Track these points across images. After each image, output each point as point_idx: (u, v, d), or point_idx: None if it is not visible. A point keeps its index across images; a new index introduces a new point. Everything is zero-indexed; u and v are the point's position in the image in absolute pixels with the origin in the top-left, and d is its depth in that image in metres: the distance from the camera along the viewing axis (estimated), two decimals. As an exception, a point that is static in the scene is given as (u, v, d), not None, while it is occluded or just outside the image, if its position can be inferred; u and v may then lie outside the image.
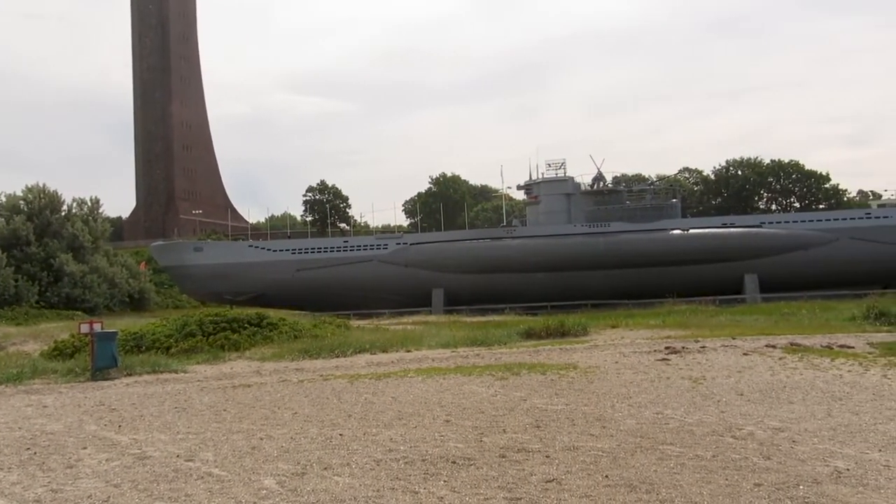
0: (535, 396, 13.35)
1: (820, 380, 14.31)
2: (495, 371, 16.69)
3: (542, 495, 7.45)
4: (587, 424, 10.80)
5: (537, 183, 54.20)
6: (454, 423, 11.17)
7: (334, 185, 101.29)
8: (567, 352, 20.35)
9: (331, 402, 13.65)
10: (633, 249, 48.16)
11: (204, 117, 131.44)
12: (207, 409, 13.42)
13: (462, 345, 23.46)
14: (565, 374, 15.99)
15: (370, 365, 19.63)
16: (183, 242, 61.99)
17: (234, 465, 9.07)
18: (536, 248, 49.63)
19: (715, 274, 46.79)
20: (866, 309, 27.52)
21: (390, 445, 9.85)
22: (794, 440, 9.55)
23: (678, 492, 7.42)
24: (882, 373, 14.92)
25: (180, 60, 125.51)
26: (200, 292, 57.21)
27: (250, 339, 24.88)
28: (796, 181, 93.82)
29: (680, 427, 10.49)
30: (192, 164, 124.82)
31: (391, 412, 12.30)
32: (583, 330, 26.50)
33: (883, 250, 46.19)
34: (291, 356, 21.86)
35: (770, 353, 18.23)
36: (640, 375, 15.53)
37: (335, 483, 8.09)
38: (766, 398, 12.60)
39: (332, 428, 11.19)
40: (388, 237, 55.76)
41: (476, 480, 8.05)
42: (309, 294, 51.49)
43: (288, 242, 57.44)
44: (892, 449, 9.02)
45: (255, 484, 8.17)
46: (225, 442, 10.44)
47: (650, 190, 56.59)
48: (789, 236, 48.05)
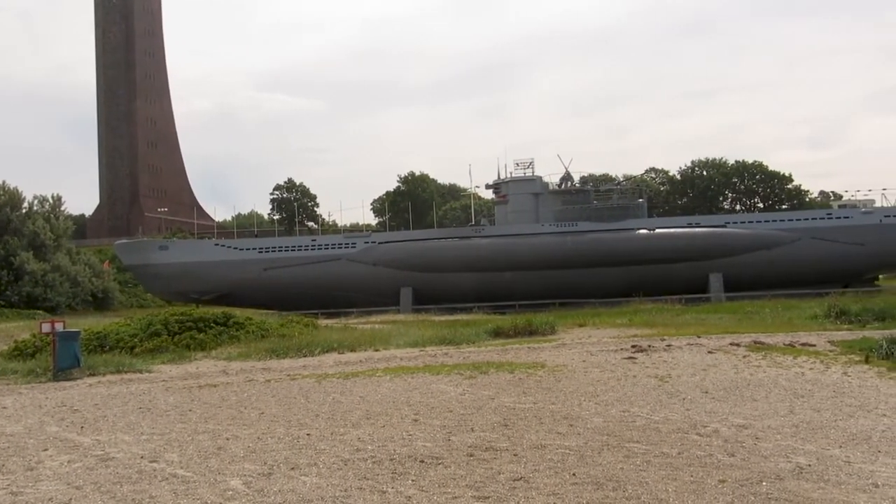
0: (503, 395, 13.40)
1: (783, 377, 14.54)
2: (463, 370, 16.71)
3: (510, 494, 7.47)
4: (555, 423, 10.86)
5: (506, 182, 54.38)
6: (422, 423, 11.16)
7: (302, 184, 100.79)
8: (535, 350, 20.44)
9: (298, 401, 13.56)
10: (599, 249, 48.52)
11: (169, 114, 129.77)
12: (172, 409, 13.25)
13: (430, 344, 23.45)
14: (533, 372, 16.06)
15: (338, 364, 19.54)
16: (148, 241, 61.14)
17: (200, 465, 8.97)
18: (504, 247, 49.79)
19: (680, 273, 47.33)
20: (827, 308, 28.02)
21: (358, 445, 9.81)
22: (758, 437, 9.69)
23: (644, 489, 7.49)
24: (842, 370, 15.21)
25: (145, 56, 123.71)
26: (166, 291, 56.50)
27: (216, 339, 24.63)
28: (760, 182, 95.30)
29: (646, 425, 10.59)
30: (157, 162, 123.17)
31: (359, 412, 12.26)
32: (550, 329, 26.64)
33: (843, 250, 47.10)
34: (258, 356, 21.68)
35: (734, 352, 18.48)
36: (607, 374, 15.65)
37: (302, 483, 8.04)
38: (730, 396, 12.77)
39: (300, 428, 11.11)
40: (357, 236, 55.50)
41: (444, 479, 8.05)
42: (276, 293, 51.11)
43: (255, 241, 56.95)
44: (852, 445, 9.19)
45: (221, 485, 8.08)
46: (190, 442, 10.32)
47: (617, 190, 57.06)
48: (753, 236, 48.77)
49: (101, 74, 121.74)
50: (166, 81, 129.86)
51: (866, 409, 11.30)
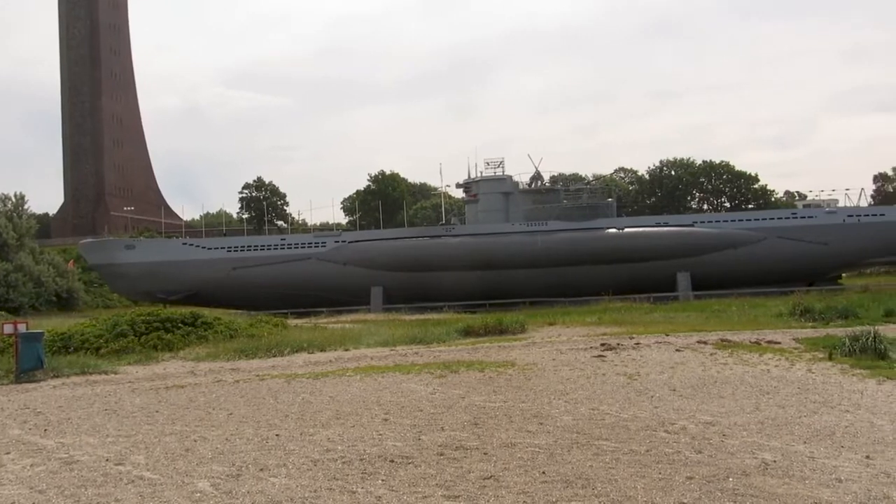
0: (474, 394, 13.42)
1: (749, 375, 14.73)
2: (434, 369, 16.71)
3: (480, 492, 7.48)
4: (524, 421, 10.90)
5: (476, 181, 54.49)
6: (392, 422, 11.14)
7: (271, 182, 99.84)
8: (505, 349, 20.50)
9: (267, 402, 13.46)
10: (569, 248, 48.79)
11: (135, 111, 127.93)
12: (139, 410, 13.08)
13: (401, 343, 23.42)
14: (503, 371, 16.11)
15: (308, 364, 19.44)
16: (114, 240, 60.27)
17: (167, 467, 8.86)
18: (475, 246, 49.86)
19: (649, 272, 47.77)
20: (792, 306, 28.47)
21: (328, 445, 9.76)
22: (725, 434, 9.81)
23: (613, 486, 7.55)
24: (807, 367, 15.45)
25: (110, 52, 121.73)
26: (132, 291, 55.76)
27: (184, 339, 24.35)
28: (727, 181, 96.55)
29: (615, 422, 10.67)
30: (123, 160, 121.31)
31: (329, 411, 12.20)
32: (521, 327, 26.75)
33: (808, 249, 47.87)
34: (227, 356, 21.48)
35: (701, 350, 18.70)
36: (577, 372, 15.75)
37: (271, 484, 7.97)
38: (697, 393, 12.91)
39: (269, 428, 11.03)
40: (327, 235, 55.22)
41: (414, 479, 8.04)
42: (245, 293, 50.70)
43: (223, 240, 56.42)
44: (816, 441, 9.35)
45: (189, 487, 7.99)
46: (157, 444, 10.19)
47: (586, 189, 57.47)
48: (720, 235, 49.37)
49: (65, 70, 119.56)
50: (132, 78, 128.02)
51: (830, 406, 11.49)
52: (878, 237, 48.30)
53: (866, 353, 16.37)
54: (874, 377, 13.97)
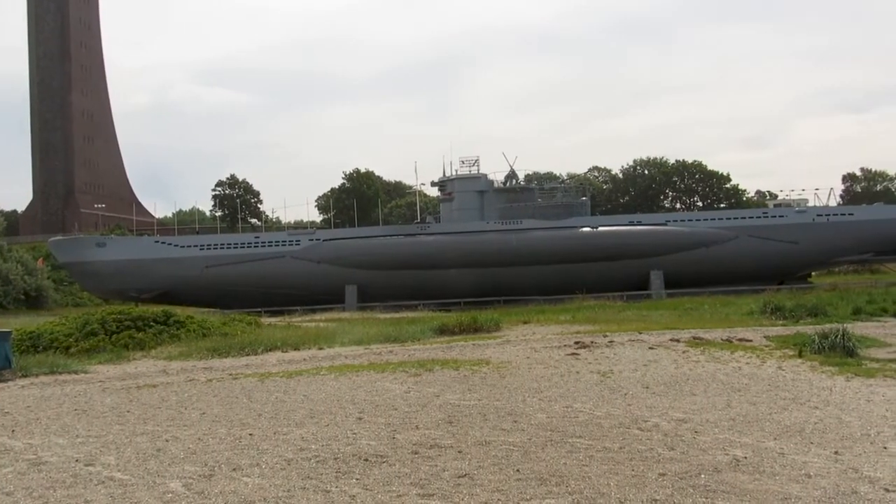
0: (448, 392, 13.42)
1: (721, 372, 14.89)
2: (408, 367, 16.69)
3: (455, 490, 7.49)
4: (499, 419, 10.93)
5: (451, 180, 54.47)
6: (367, 421, 11.11)
7: (245, 180, 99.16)
8: (480, 348, 20.53)
9: (240, 401, 13.37)
10: (543, 246, 48.97)
11: (106, 107, 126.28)
12: (110, 410, 12.92)
13: (375, 341, 23.37)
14: (478, 369, 16.14)
15: (281, 363, 19.33)
16: (84, 238, 59.41)
17: (138, 468, 8.77)
18: (450, 244, 49.87)
19: (622, 270, 48.08)
20: (763, 304, 28.78)
21: (301, 444, 9.72)
22: (697, 430, 9.91)
23: (587, 483, 7.59)
24: (777, 365, 15.65)
25: (80, 47, 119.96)
26: (103, 290, 55.04)
27: (156, 338, 24.11)
28: (699, 181, 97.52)
29: (589, 420, 10.74)
30: (93, 157, 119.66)
31: (303, 410, 12.14)
32: (495, 326, 26.79)
33: (778, 248, 48.47)
34: (199, 355, 21.29)
35: (674, 347, 18.86)
36: (551, 370, 15.82)
37: (244, 484, 7.92)
38: (670, 390, 13.03)
39: (242, 428, 10.95)
40: (301, 233, 54.88)
41: (388, 477, 8.03)
42: (218, 291, 50.25)
43: (196, 238, 55.87)
44: (786, 437, 9.47)
45: (160, 487, 7.92)
46: (128, 444, 10.08)
47: (561, 188, 57.73)
48: (692, 234, 49.82)
49: (34, 66, 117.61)
50: (103, 73, 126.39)
51: (799, 402, 11.65)
52: (846, 236, 49.05)
53: (835, 350, 16.63)
54: (843, 374, 14.20)
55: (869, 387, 12.91)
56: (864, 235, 49.13)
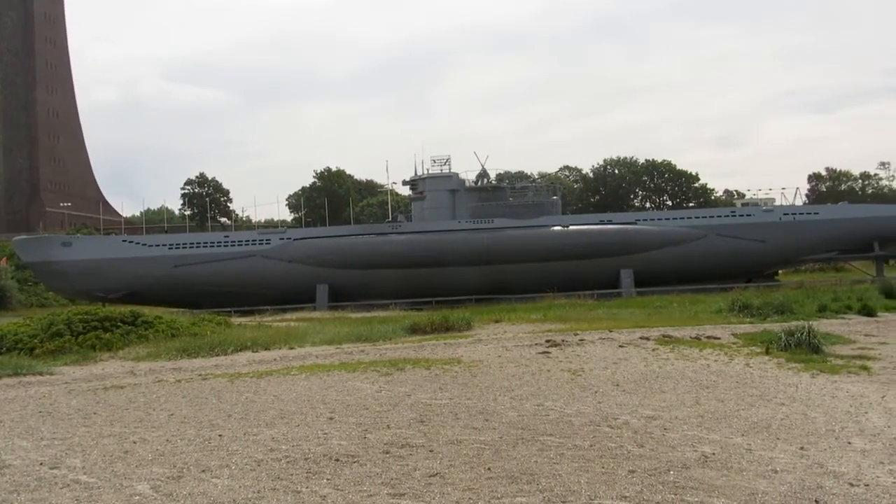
0: (420, 391, 13.41)
1: (689, 370, 15.04)
2: (380, 367, 16.65)
3: (426, 490, 7.48)
4: (470, 418, 10.94)
5: (422, 179, 54.42)
6: (338, 421, 11.06)
7: (214, 179, 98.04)
8: (451, 346, 20.54)
9: (210, 402, 13.23)
10: (515, 245, 49.12)
11: (72, 104, 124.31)
12: (75, 412, 12.73)
13: (346, 341, 23.27)
14: (449, 368, 16.14)
15: (251, 363, 19.17)
16: (49, 237, 58.44)
17: (105, 470, 8.64)
18: (421, 243, 49.81)
19: (593, 269, 48.35)
20: (731, 302, 29.12)
21: (272, 445, 9.64)
22: (666, 427, 10.00)
23: (557, 481, 7.62)
24: (745, 362, 15.85)
25: (45, 43, 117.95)
26: (69, 290, 54.17)
27: (124, 339, 23.78)
28: (668, 180, 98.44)
29: (559, 418, 10.78)
30: (59, 154, 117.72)
31: (273, 411, 12.05)
32: (466, 325, 26.80)
33: (746, 246, 49.09)
34: (168, 355, 21.05)
35: (644, 345, 19.02)
36: (522, 368, 15.86)
37: (213, 485, 7.84)
38: (640, 388, 13.13)
39: (211, 429, 10.85)
40: (271, 232, 54.46)
41: (359, 477, 8.00)
42: (187, 291, 49.69)
43: (165, 237, 55.22)
44: (753, 433, 9.60)
45: (128, 490, 7.81)
46: (94, 447, 9.93)
47: (532, 187, 57.89)
48: (662, 233, 50.27)
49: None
50: (69, 70, 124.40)
51: (766, 399, 11.81)
52: (812, 235, 49.82)
53: (801, 347, 16.88)
54: (808, 371, 14.42)
55: (834, 383, 13.13)
56: (829, 234, 49.95)
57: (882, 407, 11.09)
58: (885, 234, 50.20)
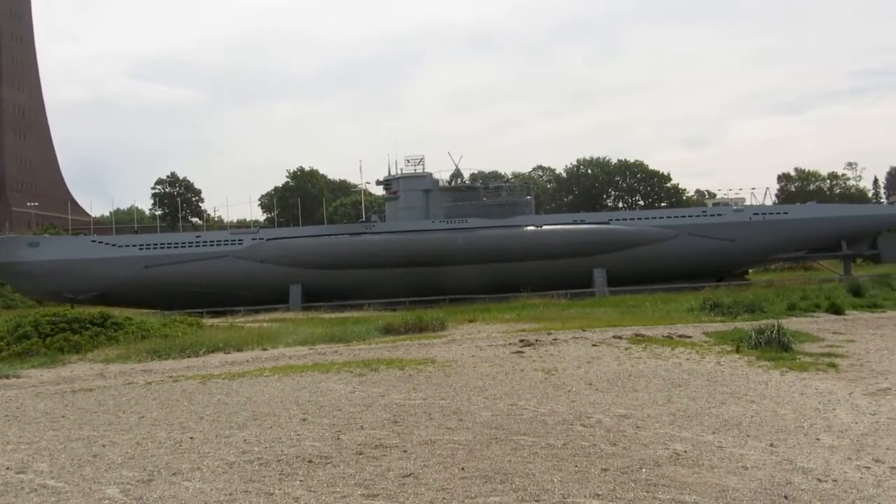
0: (394, 392, 13.38)
1: (661, 368, 15.16)
2: (353, 367, 16.58)
3: (400, 490, 7.46)
4: (444, 418, 10.93)
5: (396, 179, 54.34)
6: (311, 422, 11.00)
7: (186, 178, 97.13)
8: (425, 347, 20.52)
9: (181, 404, 13.09)
10: (489, 245, 49.22)
11: (39, 102, 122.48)
12: (43, 416, 12.52)
13: (320, 341, 23.15)
14: (423, 368, 16.12)
15: (224, 364, 19.00)
16: (16, 237, 57.51)
17: (73, 474, 8.51)
18: (395, 243, 49.75)
19: (566, 268, 48.59)
20: (702, 301, 29.39)
21: (244, 447, 9.56)
22: (638, 426, 10.07)
23: (531, 480, 7.64)
24: (716, 360, 16.00)
25: (11, 40, 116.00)
26: (37, 291, 53.33)
27: (93, 341, 23.44)
28: (641, 180, 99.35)
29: (533, 417, 10.81)
30: (26, 153, 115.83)
31: (245, 413, 11.95)
32: (441, 325, 26.79)
33: (717, 245, 49.62)
34: (138, 357, 20.79)
35: (617, 344, 19.14)
36: (496, 368, 15.89)
37: (184, 489, 7.76)
38: (612, 387, 13.21)
39: (182, 431, 10.73)
40: (244, 232, 54.04)
41: (333, 479, 7.96)
42: (158, 292, 49.16)
43: (135, 237, 54.61)
44: (724, 431, 9.70)
45: (97, 494, 7.70)
46: (62, 451, 9.78)
47: (506, 187, 58.01)
48: (634, 232, 50.65)
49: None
50: (35, 67, 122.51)
51: (737, 397, 11.94)
52: (782, 234, 50.51)
53: (771, 345, 17.07)
54: (778, 368, 14.60)
55: (803, 380, 13.31)
56: (798, 234, 50.68)
57: (849, 404, 11.26)
58: (852, 233, 51.06)
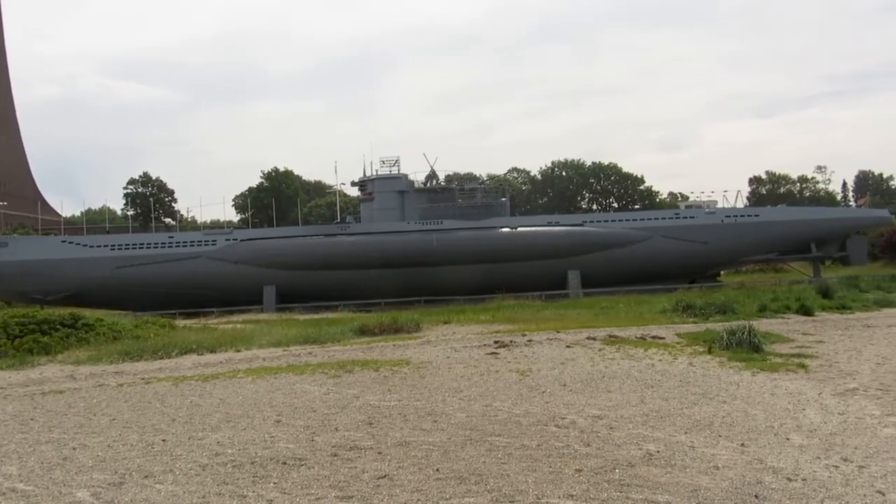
0: (368, 393, 13.35)
1: (635, 369, 15.28)
2: (328, 369, 16.53)
3: (374, 492, 7.46)
4: (419, 419, 10.93)
5: (371, 180, 54.27)
6: (285, 424, 10.95)
7: (159, 178, 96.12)
8: (400, 348, 20.51)
9: (153, 406, 12.97)
10: (464, 246, 49.29)
11: (9, 100, 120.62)
12: (11, 418, 12.34)
13: (294, 343, 23.04)
14: (398, 370, 16.11)
15: (197, 366, 18.84)
16: (-16, 237, 56.56)
17: (42, 478, 8.40)
18: (370, 244, 49.67)
19: (541, 270, 48.80)
20: (675, 302, 29.65)
21: (217, 449, 9.50)
22: (612, 426, 10.14)
23: (506, 481, 7.67)
24: (688, 361, 16.16)
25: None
26: (5, 292, 52.45)
27: (63, 342, 23.14)
28: (615, 182, 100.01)
29: (508, 418, 10.85)
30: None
31: (219, 414, 11.87)
32: (416, 326, 26.78)
33: (689, 247, 50.13)
34: (110, 359, 20.56)
35: (591, 345, 19.25)
36: (471, 369, 15.92)
37: (156, 491, 7.69)
38: (586, 388, 13.29)
39: (155, 433, 10.63)
40: (217, 233, 53.63)
41: (307, 481, 7.93)
42: (130, 293, 48.64)
43: (107, 238, 53.94)
44: (696, 431, 9.80)
45: (67, 497, 7.61)
46: (32, 454, 9.64)
47: (481, 189, 58.15)
48: (608, 234, 51.00)
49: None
50: (5, 64, 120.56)
51: (709, 397, 12.07)
52: (753, 236, 51.16)
53: (742, 346, 17.27)
54: (749, 369, 14.78)
55: (773, 381, 13.48)
56: (769, 236, 51.38)
57: (819, 403, 11.44)
58: (821, 235, 51.84)
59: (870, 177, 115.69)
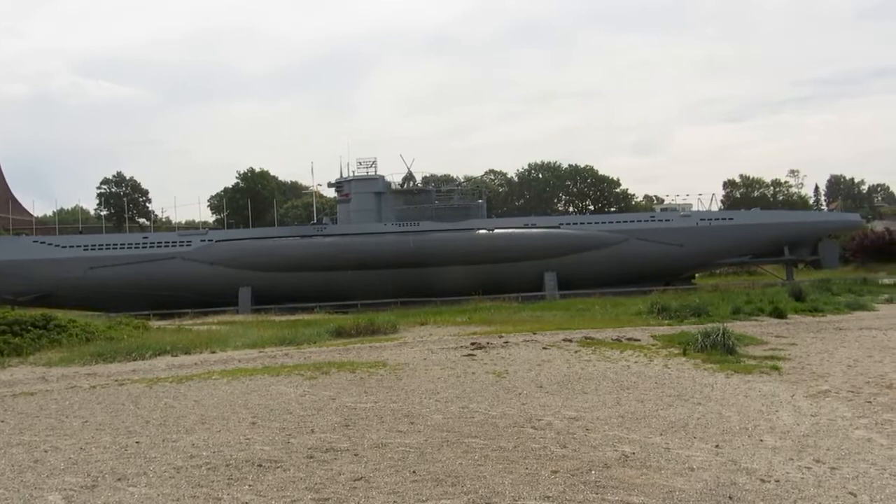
0: (345, 395, 13.31)
1: (611, 371, 15.36)
2: (304, 370, 16.45)
3: (350, 494, 7.43)
4: (395, 421, 10.92)
5: (348, 181, 54.15)
6: (260, 426, 10.88)
7: (133, 178, 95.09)
8: (377, 349, 20.46)
9: (127, 408, 12.83)
10: (441, 248, 49.33)
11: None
12: (-19, 421, 12.14)
13: (270, 344, 22.91)
14: (374, 371, 16.08)
15: (171, 368, 18.66)
16: (-46, 237, 55.69)
17: (13, 481, 8.27)
18: (347, 246, 49.56)
19: (518, 272, 48.96)
20: (650, 304, 29.84)
21: (192, 451, 9.41)
22: (588, 428, 10.19)
23: (482, 483, 7.68)
24: (664, 363, 16.28)
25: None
26: (-25, 292, 51.76)
27: (35, 343, 22.82)
28: (591, 185, 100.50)
29: (484, 420, 10.87)
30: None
31: (193, 416, 11.77)
32: (392, 328, 26.74)
33: (664, 250, 50.55)
34: (82, 360, 20.30)
35: (567, 347, 19.33)
36: (448, 371, 15.92)
37: (129, 494, 7.60)
38: (563, 389, 13.34)
39: (128, 436, 10.52)
40: (192, 233, 53.22)
41: (283, 483, 7.89)
42: (104, 294, 48.12)
43: (79, 238, 53.33)
44: (671, 432, 9.87)
45: (38, 500, 7.50)
46: (2, 456, 9.50)
47: (458, 190, 58.22)
48: (584, 236, 51.29)
49: None
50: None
51: (683, 399, 12.17)
52: (727, 239, 51.72)
53: (716, 348, 17.41)
54: (723, 371, 14.92)
55: (747, 383, 13.62)
56: (743, 239, 51.97)
57: (791, 405, 11.57)
58: (794, 238, 52.55)
59: (841, 181, 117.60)
